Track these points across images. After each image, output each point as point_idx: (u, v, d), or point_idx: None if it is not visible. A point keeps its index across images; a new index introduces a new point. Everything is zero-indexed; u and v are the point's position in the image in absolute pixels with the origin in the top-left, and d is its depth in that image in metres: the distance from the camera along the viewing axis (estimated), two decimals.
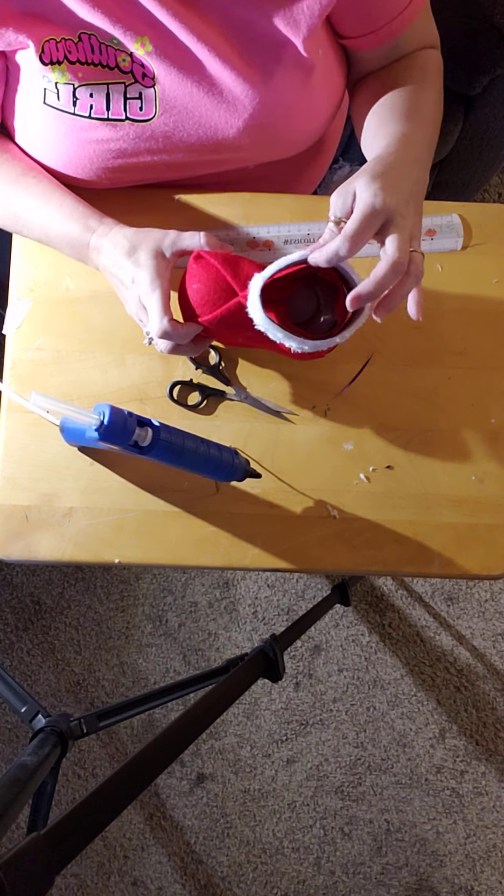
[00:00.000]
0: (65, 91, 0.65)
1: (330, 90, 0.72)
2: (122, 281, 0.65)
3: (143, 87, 0.65)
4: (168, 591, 1.50)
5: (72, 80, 0.64)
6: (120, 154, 0.69)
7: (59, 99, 0.65)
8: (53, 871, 0.52)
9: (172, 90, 0.66)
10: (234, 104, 0.66)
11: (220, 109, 0.67)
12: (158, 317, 0.61)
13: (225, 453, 0.65)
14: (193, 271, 0.65)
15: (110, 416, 0.56)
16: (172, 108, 0.66)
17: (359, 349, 0.74)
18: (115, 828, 1.43)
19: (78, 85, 0.64)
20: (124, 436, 0.57)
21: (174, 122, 0.67)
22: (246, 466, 0.67)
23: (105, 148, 0.68)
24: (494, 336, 0.75)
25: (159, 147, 0.69)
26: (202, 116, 0.67)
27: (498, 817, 1.44)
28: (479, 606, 1.49)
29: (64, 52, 0.63)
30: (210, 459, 0.63)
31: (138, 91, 0.66)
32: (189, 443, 0.62)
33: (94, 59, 0.64)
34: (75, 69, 0.64)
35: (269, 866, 1.42)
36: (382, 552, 0.71)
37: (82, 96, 0.65)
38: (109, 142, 0.68)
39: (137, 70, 0.65)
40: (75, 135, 0.67)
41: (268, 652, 0.98)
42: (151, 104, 0.66)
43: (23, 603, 1.51)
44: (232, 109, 0.66)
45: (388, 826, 1.43)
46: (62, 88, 0.65)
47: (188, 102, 0.66)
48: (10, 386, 0.73)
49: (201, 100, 0.66)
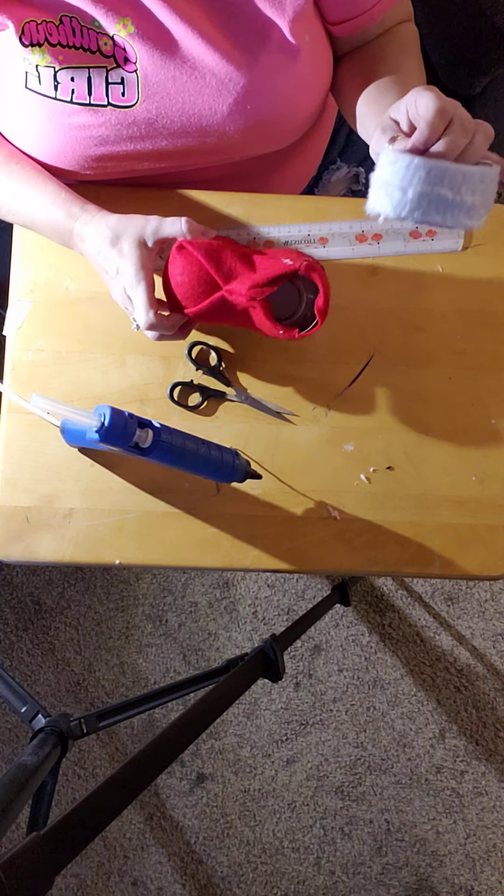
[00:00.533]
0: (46, 74, 0.64)
1: (317, 78, 0.71)
2: (107, 270, 0.65)
3: (126, 72, 0.65)
4: (168, 591, 1.50)
5: (52, 63, 0.63)
6: (102, 141, 0.68)
7: (40, 83, 0.65)
8: (53, 871, 0.52)
9: (155, 74, 0.65)
10: (219, 88, 0.65)
11: (203, 94, 0.65)
12: (144, 310, 0.62)
13: (225, 454, 0.65)
14: (177, 262, 0.65)
15: (111, 417, 0.56)
16: (155, 94, 0.65)
17: (359, 350, 0.74)
18: (115, 828, 1.43)
19: (59, 68, 0.64)
20: (125, 437, 0.57)
21: (157, 108, 0.66)
22: (246, 467, 0.67)
23: (87, 135, 0.67)
24: (495, 336, 0.75)
25: (142, 134, 0.68)
26: (185, 102, 0.66)
27: (498, 817, 1.44)
28: (479, 606, 1.49)
29: (45, 34, 0.62)
30: (210, 461, 0.64)
31: (120, 76, 0.65)
32: (189, 444, 0.62)
33: (76, 42, 0.63)
34: (56, 52, 0.63)
35: (269, 866, 1.42)
36: (383, 553, 0.71)
37: (63, 80, 0.64)
38: (91, 128, 0.67)
39: (119, 54, 0.64)
40: (56, 120, 0.66)
41: (268, 652, 0.98)
42: (133, 89, 0.65)
43: (23, 603, 1.51)
44: (216, 93, 0.65)
45: (388, 826, 1.43)
46: (43, 71, 0.64)
47: (171, 87, 0.65)
48: (10, 387, 0.73)
49: (185, 84, 0.65)
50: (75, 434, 0.66)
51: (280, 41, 0.65)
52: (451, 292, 0.75)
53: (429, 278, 0.75)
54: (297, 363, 0.74)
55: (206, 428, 0.73)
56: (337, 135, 0.93)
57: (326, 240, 0.75)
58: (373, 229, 0.75)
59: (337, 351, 0.74)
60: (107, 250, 0.64)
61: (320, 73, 0.72)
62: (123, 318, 0.74)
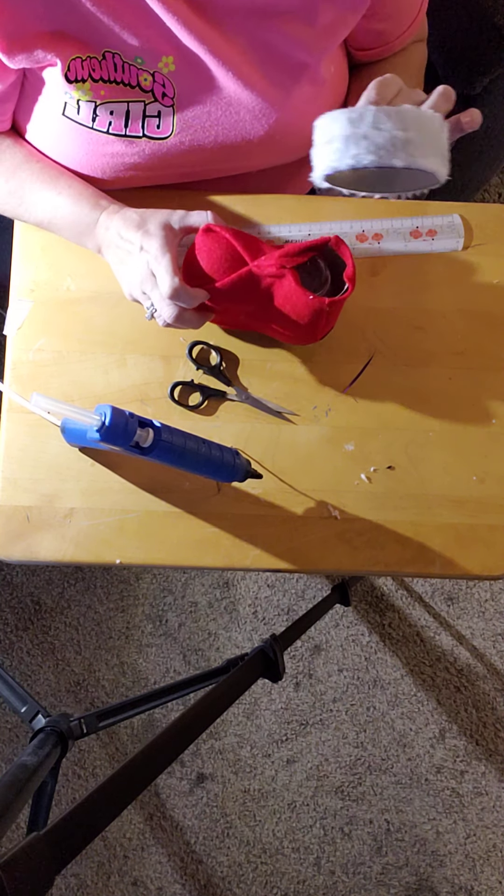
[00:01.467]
0: (86, 108, 0.66)
1: (337, 99, 0.75)
2: (130, 250, 0.66)
3: (163, 107, 0.67)
4: (168, 591, 1.50)
5: (94, 98, 0.65)
6: (134, 167, 0.70)
7: (78, 113, 0.66)
8: (53, 871, 0.52)
9: (191, 109, 0.67)
10: (252, 122, 0.68)
11: (237, 128, 0.68)
12: (169, 276, 0.62)
13: (226, 454, 0.65)
14: (202, 243, 0.67)
15: (111, 417, 0.56)
16: (190, 127, 0.68)
17: (360, 350, 0.74)
18: (115, 828, 1.43)
19: (99, 103, 0.65)
20: (126, 437, 0.57)
21: (190, 140, 0.69)
22: (247, 467, 0.67)
23: (119, 161, 0.69)
24: (495, 336, 0.75)
25: (173, 163, 0.70)
26: (218, 134, 0.68)
27: (498, 817, 1.44)
28: (479, 606, 1.49)
29: (88, 69, 0.63)
30: (211, 460, 0.64)
31: (157, 110, 0.67)
32: (190, 444, 0.62)
33: (117, 77, 0.64)
34: (98, 87, 0.64)
35: (269, 866, 1.42)
36: (383, 552, 0.71)
37: (102, 113, 0.66)
38: (124, 156, 0.69)
39: (158, 89, 0.66)
40: (91, 147, 0.68)
41: (268, 652, 0.98)
42: (169, 122, 0.67)
43: (23, 603, 1.51)
44: (249, 127, 0.68)
45: (388, 826, 1.43)
46: (83, 105, 0.65)
47: (206, 121, 0.68)
48: (10, 387, 0.73)
49: (219, 118, 0.67)
50: (76, 433, 0.66)
51: (312, 77, 0.68)
52: (452, 292, 0.75)
53: (429, 278, 0.75)
54: (297, 363, 0.74)
55: (206, 427, 0.73)
56: None
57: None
58: (373, 229, 0.75)
59: (337, 351, 0.74)
60: (131, 233, 0.65)
61: (339, 94, 0.75)
62: (124, 317, 0.74)
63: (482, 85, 1.07)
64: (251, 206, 0.76)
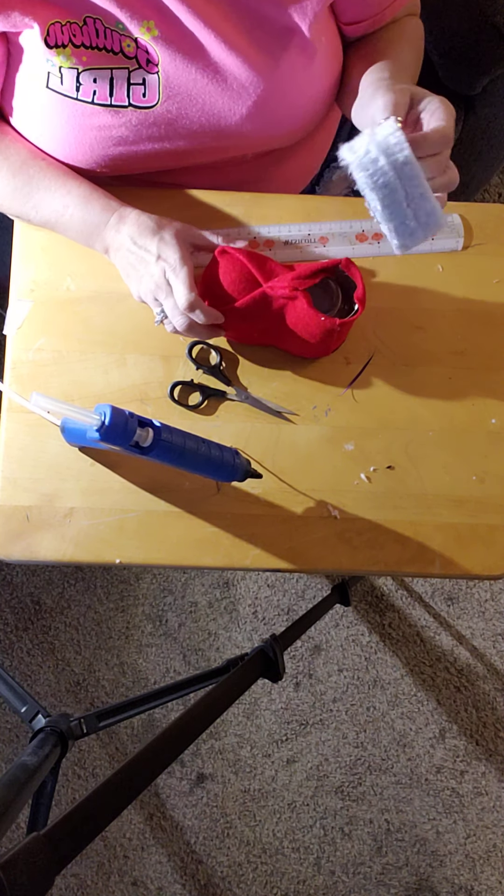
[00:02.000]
0: (68, 75, 0.64)
1: (330, 75, 0.73)
2: (144, 257, 0.66)
3: (147, 73, 0.65)
4: (168, 591, 1.50)
5: (76, 65, 0.64)
6: (121, 141, 0.68)
7: (62, 83, 0.65)
8: (53, 871, 0.52)
9: (176, 76, 0.65)
10: (239, 91, 0.66)
11: (224, 96, 0.66)
12: (187, 289, 0.63)
13: (226, 453, 0.65)
14: (219, 263, 0.69)
15: (111, 416, 0.56)
16: (176, 95, 0.66)
17: (360, 349, 0.74)
18: (115, 828, 1.43)
19: (82, 69, 0.64)
20: (125, 436, 0.57)
21: (177, 109, 0.67)
22: (247, 467, 0.67)
23: (106, 135, 0.68)
24: (495, 336, 0.75)
25: (161, 134, 0.69)
26: (205, 103, 0.67)
27: (498, 817, 1.44)
28: (480, 606, 1.49)
29: (69, 35, 0.63)
30: (211, 460, 0.64)
31: (142, 77, 0.65)
32: (190, 443, 0.62)
33: (99, 43, 0.63)
34: (79, 53, 0.63)
35: (269, 866, 1.42)
36: (383, 552, 0.71)
37: (86, 81, 0.65)
38: (111, 128, 0.67)
39: (142, 56, 0.64)
40: (76, 121, 0.67)
41: (268, 652, 0.98)
42: (155, 90, 0.66)
43: (23, 603, 1.51)
44: (236, 96, 0.66)
45: (388, 826, 1.43)
46: (66, 73, 0.64)
47: (192, 89, 0.66)
48: (10, 386, 0.73)
49: (205, 86, 0.66)
50: (76, 433, 0.66)
51: (300, 44, 0.66)
52: (452, 292, 0.75)
53: (429, 278, 0.75)
54: (297, 363, 0.74)
55: (206, 427, 0.73)
56: (339, 133, 0.93)
57: (327, 239, 0.75)
58: (373, 229, 0.75)
59: (337, 351, 0.74)
60: (148, 237, 0.66)
61: (332, 70, 0.73)
62: (124, 317, 0.74)
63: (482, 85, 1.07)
64: (251, 206, 0.76)
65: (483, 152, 1.20)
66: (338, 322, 0.67)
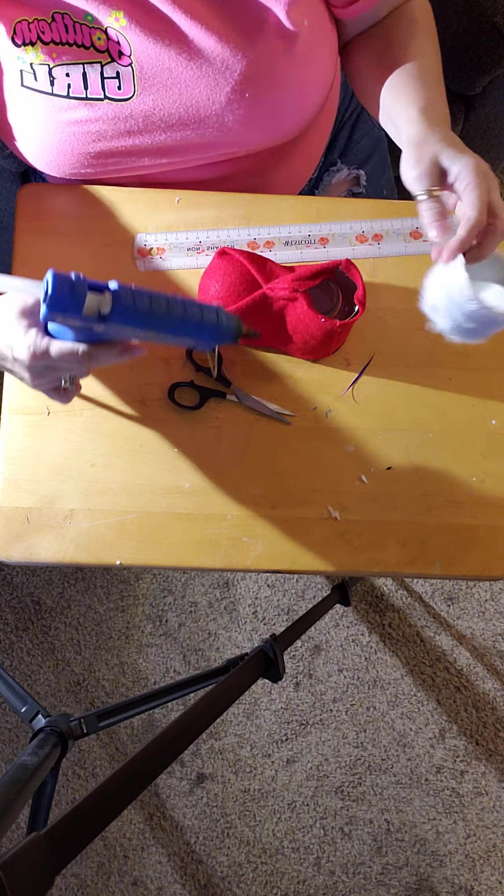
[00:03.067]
0: (41, 71, 0.64)
1: (319, 65, 0.70)
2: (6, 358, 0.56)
3: (121, 66, 0.64)
4: (168, 591, 1.50)
5: (46, 61, 0.63)
6: (100, 136, 0.67)
7: (36, 79, 0.64)
8: (53, 871, 0.52)
9: (150, 66, 0.64)
10: (216, 76, 0.64)
11: (201, 83, 0.65)
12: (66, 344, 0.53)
13: (207, 312, 0.56)
14: (219, 265, 0.69)
15: (54, 281, 0.48)
16: (151, 86, 0.65)
17: (360, 351, 0.74)
18: (115, 828, 1.43)
19: (53, 65, 0.63)
20: (74, 304, 0.49)
21: (153, 100, 0.66)
22: (236, 326, 0.58)
23: (84, 130, 0.67)
24: (495, 337, 0.75)
25: (140, 127, 0.67)
26: (182, 92, 0.65)
27: (498, 817, 1.44)
28: (479, 606, 1.49)
29: (37, 32, 0.62)
30: (187, 321, 0.55)
31: (115, 70, 0.64)
32: (159, 304, 0.53)
33: (69, 38, 0.63)
34: (49, 50, 0.63)
35: (269, 866, 1.42)
36: (384, 553, 0.71)
37: (59, 76, 0.64)
38: (88, 123, 0.66)
39: (113, 48, 0.63)
40: (54, 116, 0.66)
41: (268, 652, 0.98)
42: (129, 82, 0.65)
43: (23, 603, 1.51)
44: (213, 82, 0.65)
45: (388, 826, 1.43)
46: (38, 69, 0.64)
47: (167, 78, 0.65)
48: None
49: (181, 73, 0.64)
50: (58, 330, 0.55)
51: (277, 26, 0.64)
52: None
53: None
54: (297, 364, 0.74)
55: (206, 428, 0.73)
56: (338, 136, 0.92)
57: (327, 240, 0.75)
58: (373, 230, 0.75)
59: (337, 352, 0.74)
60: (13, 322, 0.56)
61: (322, 60, 0.70)
62: None
63: (482, 85, 1.07)
64: (251, 206, 0.76)
65: (483, 152, 1.20)
66: (338, 323, 0.67)
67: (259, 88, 0.66)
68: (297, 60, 0.67)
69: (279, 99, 0.68)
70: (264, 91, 0.66)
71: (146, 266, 0.75)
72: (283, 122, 0.70)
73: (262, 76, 0.65)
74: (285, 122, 0.71)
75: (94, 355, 0.54)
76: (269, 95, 0.67)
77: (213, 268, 0.69)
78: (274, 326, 0.69)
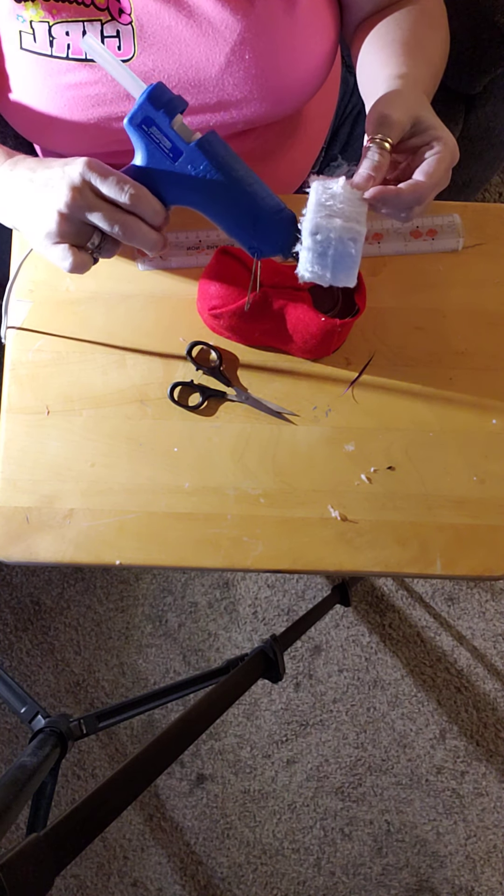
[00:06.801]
0: (40, 30, 0.63)
1: (318, 35, 0.69)
2: (48, 181, 0.54)
3: (121, 25, 0.64)
4: (168, 592, 1.50)
5: (46, 18, 0.62)
6: (99, 100, 0.66)
7: (35, 41, 0.64)
8: (53, 871, 0.52)
9: (150, 24, 0.64)
10: (215, 36, 0.64)
11: (200, 43, 0.65)
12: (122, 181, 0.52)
13: (270, 198, 0.55)
14: (220, 263, 0.69)
15: (158, 84, 0.51)
16: (151, 46, 0.65)
17: (360, 350, 0.74)
18: (115, 828, 1.43)
19: (53, 23, 0.63)
20: (170, 109, 0.50)
21: (153, 61, 0.65)
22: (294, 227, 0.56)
23: (84, 94, 0.66)
24: (496, 336, 0.75)
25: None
26: (182, 53, 0.65)
27: (498, 818, 1.44)
28: (480, 607, 1.49)
29: None
30: (256, 194, 0.54)
31: (115, 29, 0.64)
32: (238, 162, 0.53)
33: None
34: (49, 6, 0.62)
35: (269, 867, 1.42)
36: (384, 553, 0.71)
37: (58, 35, 0.63)
38: (88, 86, 0.66)
39: (113, 6, 0.63)
40: (53, 80, 0.65)
41: (268, 652, 0.98)
42: (130, 42, 0.65)
43: (22, 603, 1.51)
44: (213, 42, 0.64)
45: (389, 827, 1.43)
46: (37, 27, 0.63)
47: (167, 37, 0.64)
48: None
49: (181, 33, 0.64)
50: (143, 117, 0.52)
51: None
52: (452, 292, 0.75)
53: (429, 278, 0.75)
54: (297, 363, 0.74)
55: (206, 428, 0.73)
56: (339, 132, 0.92)
57: None
58: (373, 229, 0.75)
59: (337, 351, 0.74)
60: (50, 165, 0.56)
61: (323, 28, 0.70)
62: (123, 317, 0.74)
63: (482, 84, 1.07)
64: None
65: (483, 152, 1.20)
66: (338, 322, 0.67)
67: (258, 51, 0.65)
68: (297, 25, 0.66)
69: (279, 64, 0.67)
70: (263, 54, 0.66)
71: (147, 266, 0.75)
72: (282, 92, 0.69)
73: (261, 37, 0.65)
74: (285, 92, 0.70)
75: (139, 208, 0.53)
76: (269, 60, 0.66)
77: (212, 266, 0.69)
78: (274, 325, 0.69)
